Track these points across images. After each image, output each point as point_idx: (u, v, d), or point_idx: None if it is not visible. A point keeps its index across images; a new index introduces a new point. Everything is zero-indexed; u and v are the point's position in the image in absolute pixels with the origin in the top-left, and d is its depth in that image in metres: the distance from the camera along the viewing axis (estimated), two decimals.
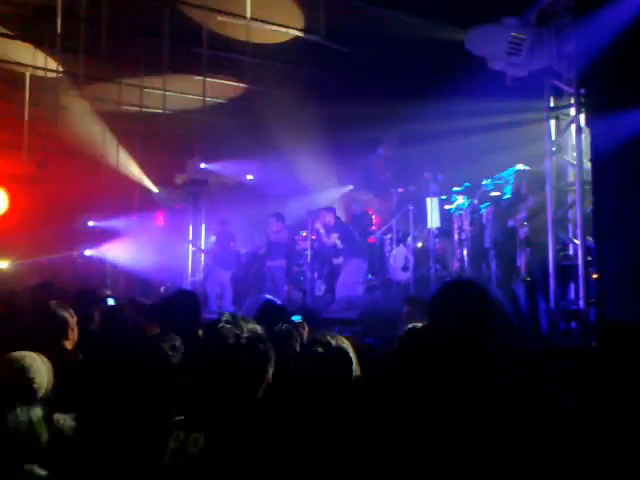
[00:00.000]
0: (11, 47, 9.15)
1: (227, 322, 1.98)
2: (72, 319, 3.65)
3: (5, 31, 8.86)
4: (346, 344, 2.50)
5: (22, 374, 2.22)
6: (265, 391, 2.00)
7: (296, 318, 4.10)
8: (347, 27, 8.12)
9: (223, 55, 9.47)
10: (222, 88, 10.54)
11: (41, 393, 2.28)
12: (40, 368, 2.30)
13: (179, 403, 2.14)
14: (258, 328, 2.01)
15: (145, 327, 3.88)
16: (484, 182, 7.99)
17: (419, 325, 3.34)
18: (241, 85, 10.53)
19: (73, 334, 3.63)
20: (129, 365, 2.33)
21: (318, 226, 9.16)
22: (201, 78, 9.62)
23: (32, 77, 9.56)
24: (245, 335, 1.97)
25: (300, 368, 2.48)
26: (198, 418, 1.96)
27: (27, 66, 9.40)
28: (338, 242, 9.04)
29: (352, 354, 2.47)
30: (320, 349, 2.42)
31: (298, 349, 3.16)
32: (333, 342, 2.46)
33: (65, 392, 2.45)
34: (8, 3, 8.46)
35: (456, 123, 7.99)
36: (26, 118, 9.82)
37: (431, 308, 2.38)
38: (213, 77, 9.83)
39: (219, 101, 10.82)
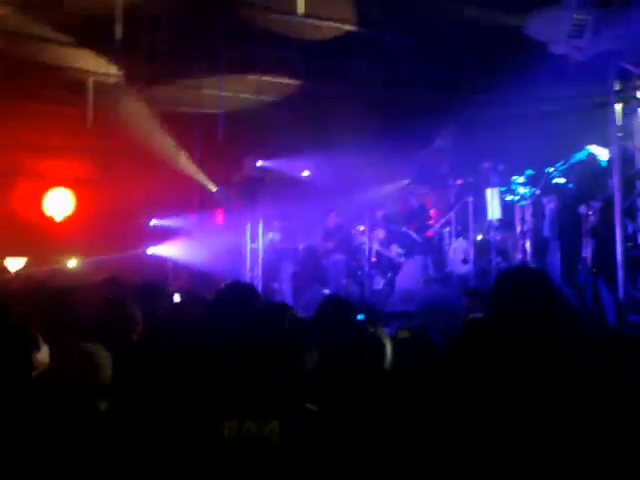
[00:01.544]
0: (75, 54, 9.50)
1: (270, 311, 2.04)
2: (138, 313, 3.76)
3: (69, 40, 9.21)
4: (383, 334, 2.49)
5: (89, 363, 2.30)
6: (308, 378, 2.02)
7: (360, 317, 4.07)
8: (401, 18, 8.04)
9: (277, 53, 9.55)
10: (277, 86, 10.62)
11: (106, 382, 2.35)
12: (104, 357, 2.37)
13: (232, 393, 2.17)
14: (299, 315, 2.06)
15: (206, 321, 3.95)
16: (548, 170, 7.71)
17: (479, 316, 3.26)
18: (295, 82, 10.58)
19: (139, 328, 3.73)
20: (187, 358, 2.38)
21: (375, 246, 9.40)
22: (256, 77, 9.74)
23: (95, 82, 9.89)
24: (286, 322, 2.03)
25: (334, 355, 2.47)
26: (250, 406, 1.99)
27: (90, 72, 9.74)
28: (399, 250, 9.28)
29: (388, 346, 2.46)
30: (358, 339, 2.43)
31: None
32: (371, 329, 2.46)
33: (128, 383, 2.51)
34: (71, 14, 8.79)
35: (516, 110, 7.78)
36: (90, 122, 10.18)
37: (491, 296, 2.32)
38: (268, 75, 9.92)
39: (274, 99, 10.91)
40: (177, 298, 4.94)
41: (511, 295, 2.06)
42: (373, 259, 9.68)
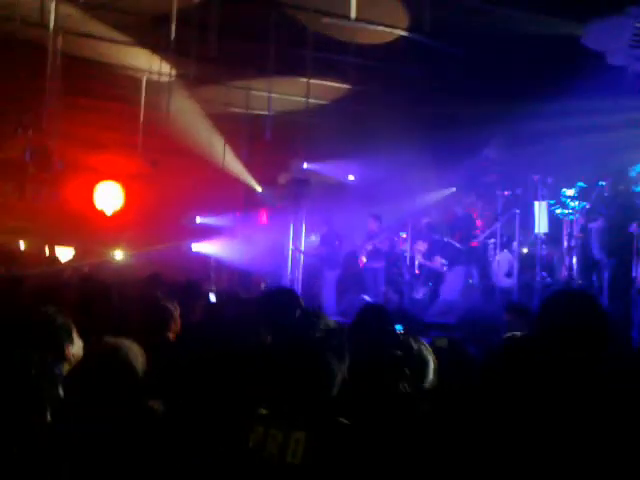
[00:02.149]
0: (130, 53, 9.73)
1: (302, 318, 2.02)
2: (175, 311, 3.80)
3: (125, 39, 9.44)
4: (427, 351, 2.42)
5: (118, 358, 2.32)
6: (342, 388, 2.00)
7: (398, 327, 4.02)
8: (453, 26, 7.90)
9: (327, 56, 9.55)
10: (326, 89, 10.63)
11: (136, 379, 2.37)
12: (136, 354, 2.38)
13: (262, 398, 2.17)
14: (332, 323, 2.04)
15: (244, 321, 3.96)
16: (601, 183, 7.44)
17: (518, 334, 3.16)
18: (344, 86, 10.56)
19: (175, 325, 3.77)
20: (218, 361, 2.39)
21: (418, 258, 9.32)
22: (305, 80, 9.76)
23: (147, 80, 10.10)
24: (319, 330, 2.01)
25: (374, 368, 2.42)
26: (277, 414, 1.98)
27: (143, 71, 9.95)
28: (443, 261, 9.19)
29: (432, 363, 2.39)
30: (400, 352, 2.35)
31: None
32: (415, 346, 2.39)
33: (162, 380, 2.54)
34: (128, 14, 8.99)
35: (568, 122, 7.54)
36: (141, 119, 10.40)
37: (537, 319, 2.24)
38: (317, 79, 9.93)
39: (323, 102, 10.92)
40: (213, 298, 4.98)
41: (559, 321, 1.99)
42: (416, 271, 9.61)
